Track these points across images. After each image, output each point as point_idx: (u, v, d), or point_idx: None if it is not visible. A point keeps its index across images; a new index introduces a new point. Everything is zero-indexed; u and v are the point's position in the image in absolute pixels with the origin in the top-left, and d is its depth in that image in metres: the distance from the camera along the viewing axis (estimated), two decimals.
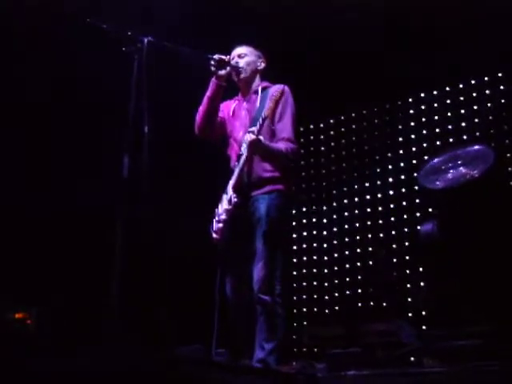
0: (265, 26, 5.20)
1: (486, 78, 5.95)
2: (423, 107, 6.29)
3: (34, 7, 4.81)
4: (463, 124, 5.95)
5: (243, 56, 3.63)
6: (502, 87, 5.83)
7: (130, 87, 2.87)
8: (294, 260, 6.57)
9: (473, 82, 6.02)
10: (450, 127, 6.04)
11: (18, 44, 4.95)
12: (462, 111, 6.02)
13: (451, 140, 5.95)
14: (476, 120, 5.87)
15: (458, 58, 5.41)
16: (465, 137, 5.86)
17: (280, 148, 3.34)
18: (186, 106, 3.87)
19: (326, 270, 6.37)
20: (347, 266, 6.23)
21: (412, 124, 6.30)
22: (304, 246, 6.60)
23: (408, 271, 5.75)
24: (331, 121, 6.88)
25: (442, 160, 4.64)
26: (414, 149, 6.19)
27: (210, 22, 5.13)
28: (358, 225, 6.33)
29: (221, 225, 3.37)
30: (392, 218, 6.12)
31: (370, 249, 6.12)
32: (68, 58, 5.02)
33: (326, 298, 6.25)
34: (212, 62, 3.42)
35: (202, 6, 5.08)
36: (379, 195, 6.27)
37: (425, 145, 6.14)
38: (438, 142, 6.05)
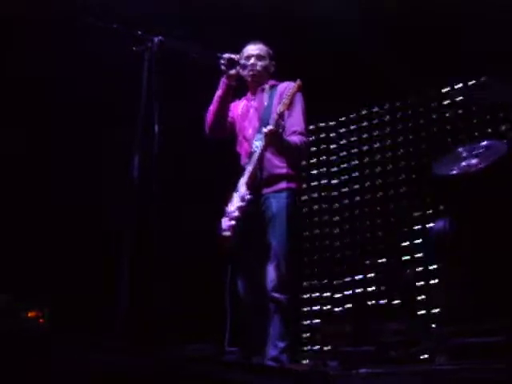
0: (271, 23, 5.20)
1: None
2: (433, 104, 6.25)
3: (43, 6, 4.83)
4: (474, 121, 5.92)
5: (261, 59, 3.62)
6: None
7: (140, 87, 2.88)
8: (306, 258, 6.56)
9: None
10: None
11: (32, 42, 4.96)
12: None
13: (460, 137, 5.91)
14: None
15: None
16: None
17: (294, 141, 3.34)
18: (196, 106, 3.87)
19: (337, 268, 6.36)
20: (359, 263, 6.22)
21: (421, 121, 6.27)
22: (316, 243, 6.60)
23: (420, 269, 5.73)
24: (342, 119, 6.86)
25: (465, 149, 4.60)
26: (423, 146, 6.16)
27: (219, 20, 5.13)
28: (368, 223, 6.32)
29: (233, 222, 3.37)
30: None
31: (382, 246, 6.11)
32: (78, 58, 5.04)
33: (338, 295, 6.24)
34: (222, 61, 3.42)
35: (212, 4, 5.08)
36: (391, 191, 6.24)
37: (436, 142, 6.09)
38: (448, 139, 6.01)
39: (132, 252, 2.65)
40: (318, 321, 6.22)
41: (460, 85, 5.99)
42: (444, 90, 6.14)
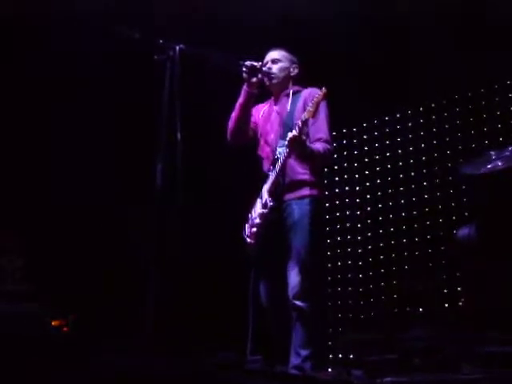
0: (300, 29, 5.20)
1: None
2: (457, 109, 6.19)
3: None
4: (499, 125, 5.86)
5: (277, 62, 3.61)
6: None
7: (162, 96, 2.89)
8: (329, 265, 6.52)
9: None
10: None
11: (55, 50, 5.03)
12: (498, 112, 5.92)
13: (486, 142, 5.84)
14: None
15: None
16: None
17: (318, 148, 3.32)
18: (218, 113, 3.88)
19: (360, 275, 6.32)
20: (382, 270, 6.18)
21: (446, 126, 6.22)
22: (338, 251, 6.56)
23: (445, 276, 5.67)
24: (364, 124, 6.83)
25: (496, 153, 4.56)
26: (448, 152, 6.11)
27: (243, 27, 5.13)
28: (392, 229, 6.27)
29: (255, 229, 3.37)
30: (427, 222, 6.04)
31: (406, 253, 6.06)
32: (102, 67, 5.09)
33: (362, 303, 6.20)
34: (244, 69, 3.42)
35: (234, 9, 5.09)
36: (414, 199, 6.20)
37: (460, 147, 6.04)
38: (473, 145, 5.95)
39: (157, 260, 2.66)
40: (341, 329, 6.18)
41: None
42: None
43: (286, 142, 3.19)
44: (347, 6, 5.11)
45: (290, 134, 3.16)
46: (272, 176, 3.35)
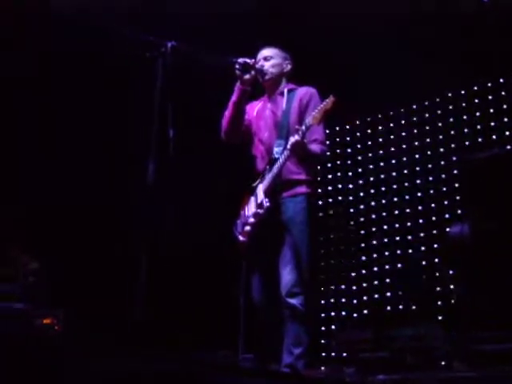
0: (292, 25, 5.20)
1: None
2: (450, 107, 6.21)
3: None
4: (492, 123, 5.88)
5: (269, 59, 3.60)
6: None
7: (154, 92, 2.88)
8: (322, 263, 6.53)
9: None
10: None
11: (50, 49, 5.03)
12: (491, 110, 5.94)
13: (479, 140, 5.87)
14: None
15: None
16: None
17: (316, 150, 3.32)
18: (210, 111, 3.87)
19: (353, 274, 6.33)
20: (375, 269, 6.19)
21: (439, 124, 6.24)
22: (332, 249, 6.57)
23: (437, 274, 5.68)
24: (357, 122, 6.84)
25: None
26: (441, 150, 6.12)
27: (235, 24, 5.12)
28: (386, 227, 6.28)
29: (248, 227, 3.35)
30: (420, 221, 6.06)
31: (399, 252, 6.08)
32: (93, 62, 5.08)
33: (355, 301, 6.21)
34: (237, 66, 3.40)
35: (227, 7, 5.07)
36: (407, 197, 6.21)
37: (453, 146, 6.06)
38: (466, 143, 5.97)
39: (147, 256, 2.65)
40: (334, 327, 6.19)
41: None
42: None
43: (288, 146, 3.16)
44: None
45: (292, 139, 3.13)
46: (269, 176, 3.32)
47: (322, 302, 6.36)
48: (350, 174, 6.72)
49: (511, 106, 5.79)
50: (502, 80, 5.93)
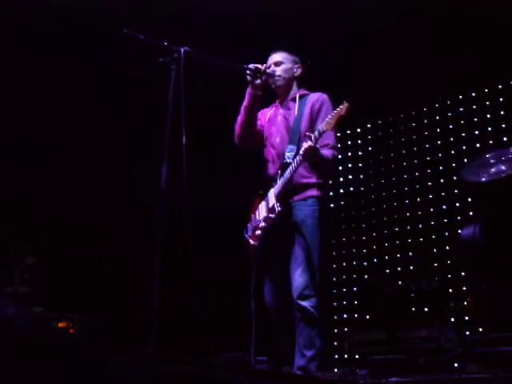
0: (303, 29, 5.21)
1: None
2: (461, 109, 6.20)
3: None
4: (503, 125, 5.87)
5: (279, 64, 3.62)
6: None
7: (167, 98, 2.90)
8: (334, 266, 6.53)
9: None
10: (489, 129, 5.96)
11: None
12: (502, 112, 5.93)
13: (490, 142, 5.86)
14: None
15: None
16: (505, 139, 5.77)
17: (327, 155, 3.33)
18: (223, 116, 3.89)
19: (366, 276, 6.33)
20: (387, 271, 6.19)
21: (450, 127, 6.23)
22: (343, 251, 6.57)
23: (449, 276, 5.68)
24: (368, 125, 6.84)
25: (493, 155, 4.55)
26: (452, 152, 6.12)
27: (249, 28, 5.13)
28: (397, 229, 6.27)
29: (259, 231, 3.37)
30: (432, 222, 6.05)
31: (411, 254, 6.08)
32: (107, 69, 5.12)
33: (367, 303, 6.20)
34: (248, 72, 3.42)
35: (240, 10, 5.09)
36: (418, 199, 6.21)
37: (464, 147, 6.06)
38: (477, 145, 5.96)
39: (161, 261, 2.67)
40: (346, 329, 6.18)
41: None
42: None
43: (301, 151, 3.17)
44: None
45: (305, 145, 3.13)
46: (281, 181, 3.33)
47: (335, 304, 6.37)
48: (362, 176, 6.73)
49: None
50: None
